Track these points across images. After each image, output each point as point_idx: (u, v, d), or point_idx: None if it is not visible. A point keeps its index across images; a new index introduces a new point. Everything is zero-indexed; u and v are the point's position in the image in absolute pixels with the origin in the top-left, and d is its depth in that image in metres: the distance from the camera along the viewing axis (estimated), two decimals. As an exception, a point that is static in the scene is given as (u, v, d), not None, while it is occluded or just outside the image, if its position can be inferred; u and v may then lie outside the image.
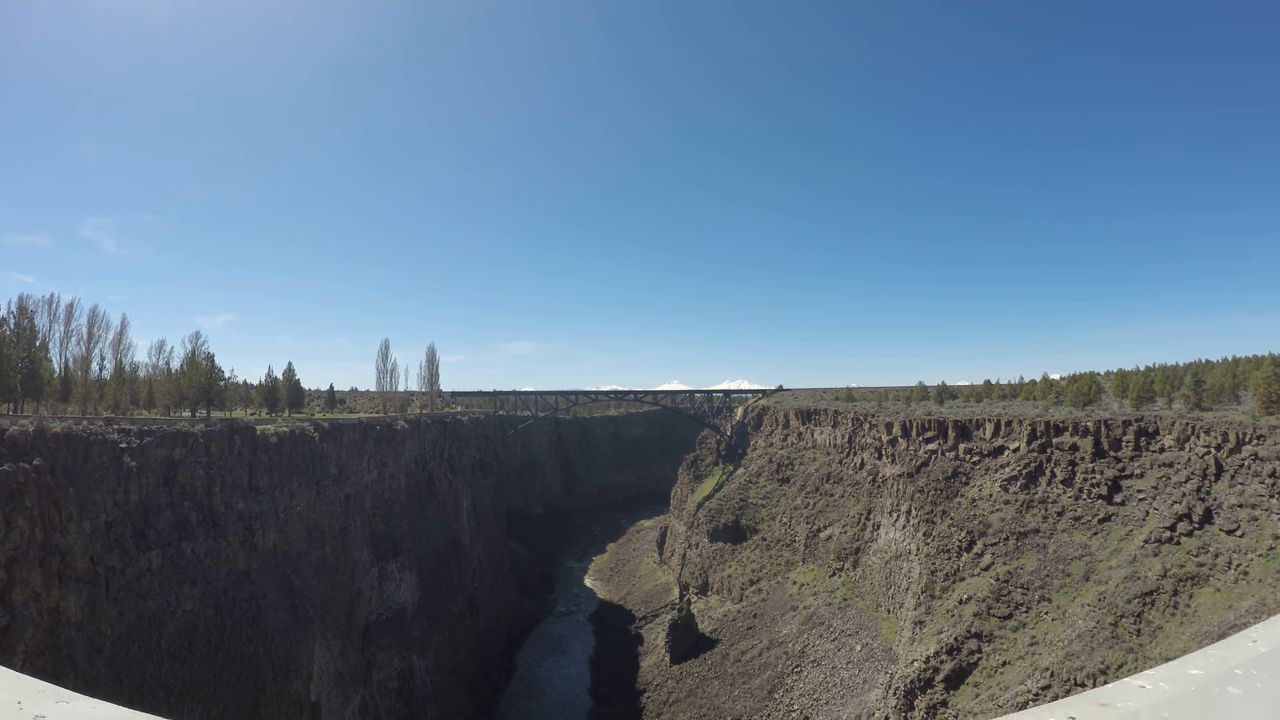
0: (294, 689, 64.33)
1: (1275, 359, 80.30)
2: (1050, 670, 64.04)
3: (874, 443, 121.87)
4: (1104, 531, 75.56)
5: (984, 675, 72.21)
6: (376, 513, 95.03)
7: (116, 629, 49.87)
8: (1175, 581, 62.51)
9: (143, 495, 56.08)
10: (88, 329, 74.43)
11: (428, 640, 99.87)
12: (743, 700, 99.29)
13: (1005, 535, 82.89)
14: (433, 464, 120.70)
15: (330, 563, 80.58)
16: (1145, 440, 77.64)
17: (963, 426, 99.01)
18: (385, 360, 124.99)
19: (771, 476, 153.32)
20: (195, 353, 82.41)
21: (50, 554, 46.87)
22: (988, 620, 76.14)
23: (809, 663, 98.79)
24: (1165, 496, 70.99)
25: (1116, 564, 70.32)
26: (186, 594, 56.68)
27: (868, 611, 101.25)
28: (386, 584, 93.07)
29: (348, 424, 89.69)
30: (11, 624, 43.08)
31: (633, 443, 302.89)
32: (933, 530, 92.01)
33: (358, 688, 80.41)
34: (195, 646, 55.57)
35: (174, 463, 59.80)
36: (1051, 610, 72.59)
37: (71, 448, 50.54)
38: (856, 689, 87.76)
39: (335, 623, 78.95)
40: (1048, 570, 76.35)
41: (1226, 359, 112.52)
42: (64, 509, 48.70)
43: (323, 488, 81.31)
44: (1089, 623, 65.84)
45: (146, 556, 54.21)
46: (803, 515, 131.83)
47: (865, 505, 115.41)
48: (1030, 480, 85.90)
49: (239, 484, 66.95)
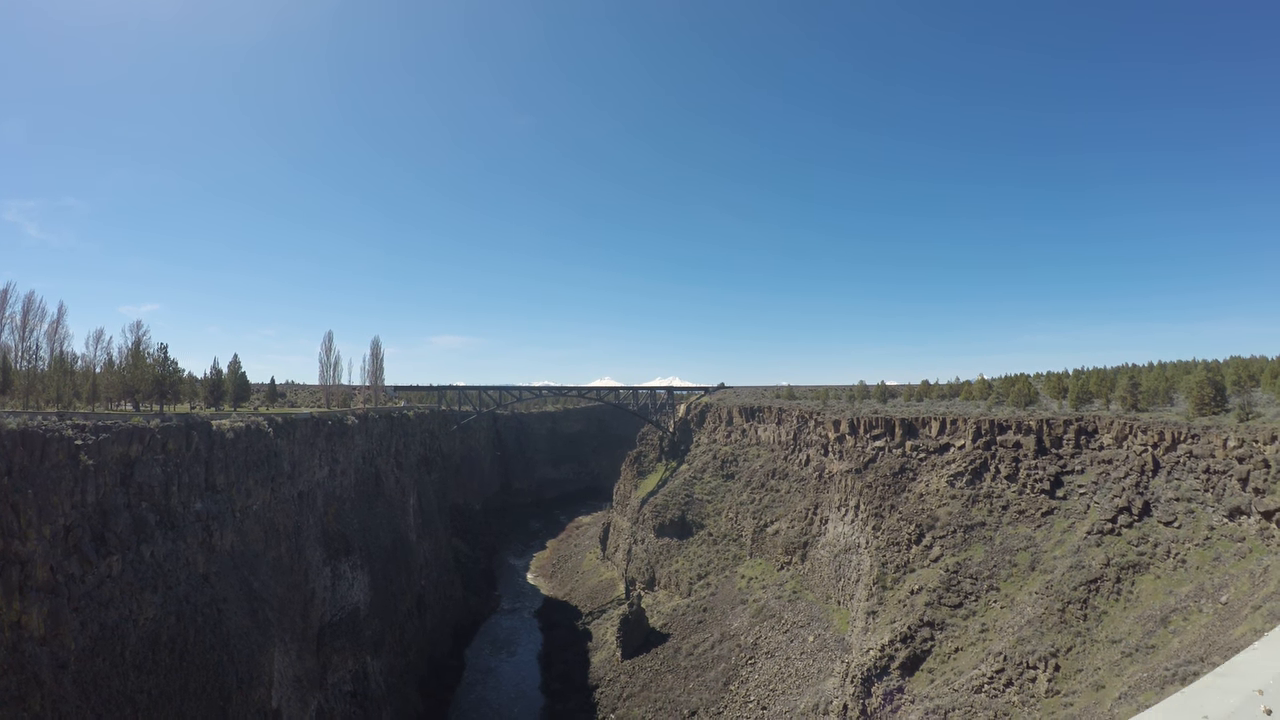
0: (258, 696, 61.74)
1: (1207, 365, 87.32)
2: (1003, 654, 67.86)
3: (820, 440, 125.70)
4: (1047, 524, 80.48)
5: (938, 661, 75.88)
6: (328, 510, 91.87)
7: (80, 641, 46.75)
8: (1118, 570, 67.27)
9: (100, 496, 52.64)
10: (22, 317, 69.06)
11: (380, 641, 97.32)
12: (698, 693, 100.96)
13: (953, 528, 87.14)
14: (380, 460, 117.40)
15: (285, 563, 77.54)
16: (1085, 439, 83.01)
17: (909, 424, 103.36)
18: (329, 353, 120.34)
19: (716, 473, 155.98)
20: (140, 344, 77.78)
21: (10, 563, 43.46)
22: (939, 609, 79.97)
23: (762, 654, 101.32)
24: (1106, 491, 76.16)
25: (1061, 554, 75.06)
26: (148, 601, 53.61)
27: (818, 603, 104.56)
28: (339, 584, 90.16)
29: (300, 419, 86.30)
30: (-29, 641, 39.75)
31: (570, 439, 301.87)
32: (882, 524, 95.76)
33: (314, 692, 77.73)
34: (159, 657, 52.65)
35: (130, 460, 56.31)
36: (1000, 599, 76.90)
37: (28, 446, 46.90)
38: (812, 678, 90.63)
39: (291, 625, 76.04)
40: (995, 561, 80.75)
41: (1153, 364, 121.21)
42: (22, 513, 45.20)
43: (277, 485, 78.10)
44: (1038, 609, 70.07)
45: (106, 562, 50.97)
46: (749, 510, 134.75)
47: (812, 500, 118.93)
48: (976, 476, 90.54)
49: (196, 483, 63.62)
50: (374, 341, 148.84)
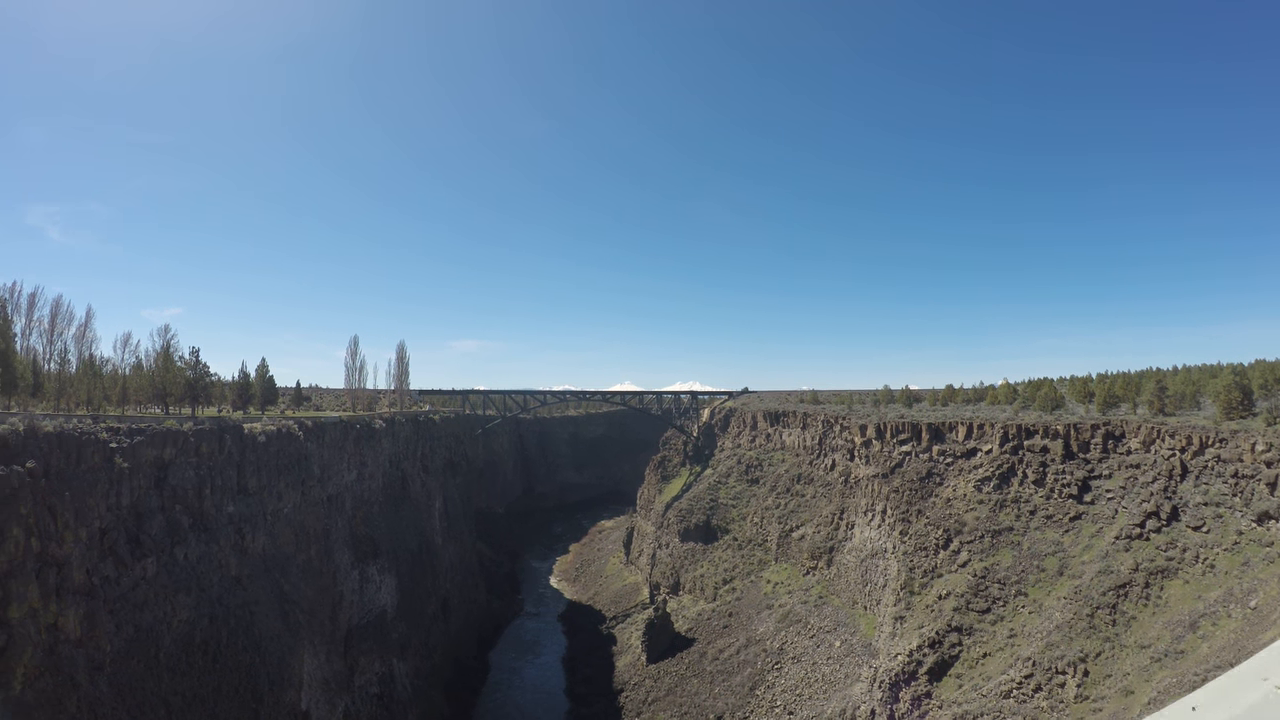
0: (288, 698, 62.72)
1: (1235, 369, 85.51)
2: (1031, 660, 66.93)
3: (846, 444, 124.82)
4: (1075, 529, 79.27)
5: (966, 666, 74.95)
6: (356, 514, 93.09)
7: (115, 643, 47.80)
8: (1146, 575, 66.12)
9: (134, 498, 53.86)
10: (50, 321, 70.70)
11: (406, 643, 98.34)
12: (724, 697, 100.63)
13: (980, 533, 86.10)
14: (406, 464, 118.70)
15: (315, 566, 78.70)
16: (1113, 443, 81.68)
17: (936, 429, 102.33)
18: (354, 357, 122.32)
19: (741, 477, 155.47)
20: (168, 347, 79.35)
21: (47, 565, 44.49)
22: (967, 614, 79.03)
23: (789, 659, 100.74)
24: (1134, 496, 74.89)
25: (1089, 559, 73.91)
26: (182, 603, 54.74)
27: (844, 608, 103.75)
28: (367, 587, 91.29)
29: (329, 423, 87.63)
30: (9, 644, 40.35)
31: (592, 443, 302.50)
32: (909, 529, 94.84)
33: (342, 694, 78.74)
34: (193, 658, 53.71)
35: (164, 463, 57.59)
36: (1028, 604, 75.83)
37: (64, 448, 48.13)
38: (839, 683, 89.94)
39: (320, 628, 77.15)
40: (1023, 566, 79.68)
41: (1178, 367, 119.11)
42: (59, 516, 46.37)
43: (307, 488, 79.34)
44: (1066, 614, 69.05)
45: (141, 565, 52.15)
46: (774, 515, 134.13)
47: (838, 505, 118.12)
48: (1003, 481, 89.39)
49: (228, 485, 64.87)
50: (399, 345, 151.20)
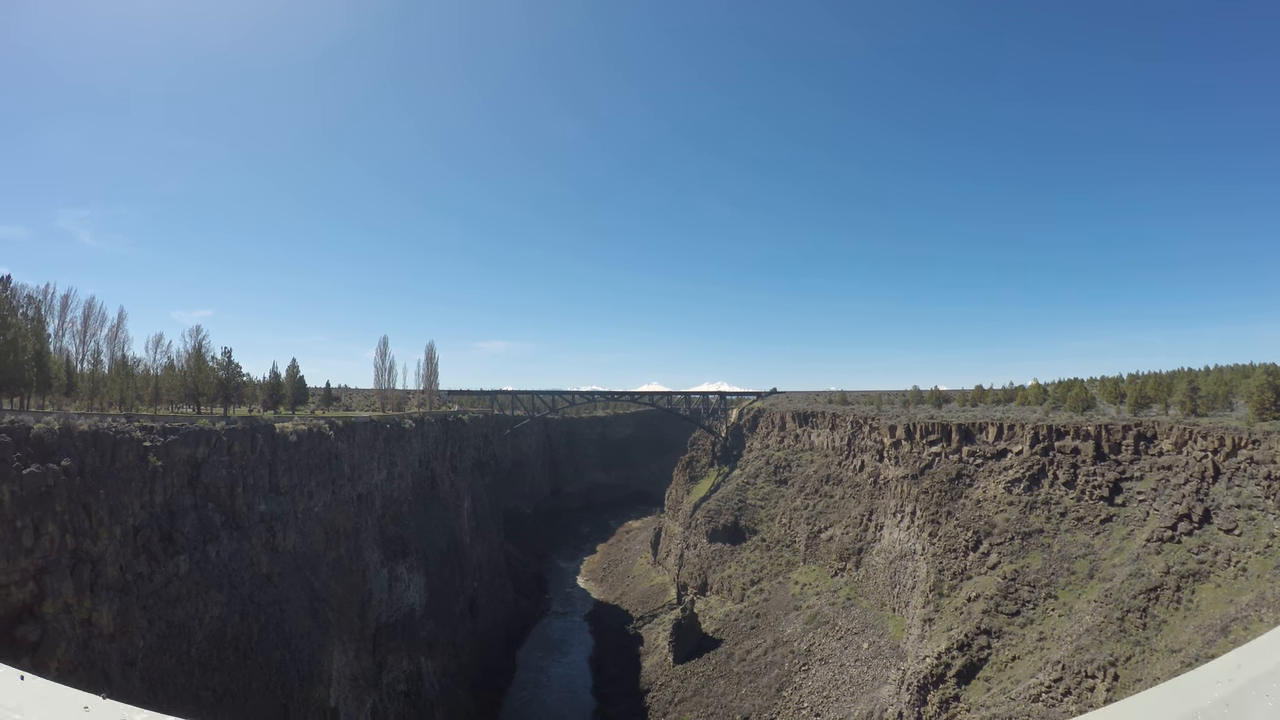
0: (317, 695, 63.93)
1: (1268, 368, 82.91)
2: (1061, 663, 65.62)
3: (875, 445, 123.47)
4: (1106, 531, 77.52)
5: (995, 670, 73.74)
6: (386, 513, 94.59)
7: (148, 639, 49.17)
8: (1178, 578, 64.50)
9: (168, 497, 55.42)
10: (83, 322, 73.10)
11: (434, 642, 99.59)
12: (751, 699, 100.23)
13: (1010, 535, 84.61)
14: (435, 463, 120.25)
15: (345, 564, 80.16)
16: (1144, 444, 79.75)
17: (965, 430, 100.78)
18: (384, 357, 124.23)
19: (769, 478, 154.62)
20: (200, 347, 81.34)
21: (81, 562, 45.93)
22: (996, 617, 77.73)
23: (816, 661, 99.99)
24: (1165, 498, 73.08)
25: (1120, 562, 72.24)
26: (214, 600, 56.15)
27: (872, 610, 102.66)
28: (396, 585, 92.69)
29: (360, 422, 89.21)
30: (44, 639, 41.67)
31: (620, 443, 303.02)
32: (938, 531, 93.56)
33: (370, 691, 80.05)
34: (225, 654, 55.06)
35: (198, 462, 59.15)
36: (1058, 607, 74.35)
37: (99, 447, 49.66)
38: (866, 685, 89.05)
39: (350, 625, 78.55)
40: (1053, 569, 78.14)
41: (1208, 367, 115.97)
42: (94, 513, 47.87)
43: (338, 487, 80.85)
44: (1096, 618, 67.61)
45: (174, 562, 53.61)
46: (803, 516, 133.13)
47: (867, 506, 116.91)
48: (1033, 482, 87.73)
49: (260, 484, 66.43)
50: (429, 346, 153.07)
